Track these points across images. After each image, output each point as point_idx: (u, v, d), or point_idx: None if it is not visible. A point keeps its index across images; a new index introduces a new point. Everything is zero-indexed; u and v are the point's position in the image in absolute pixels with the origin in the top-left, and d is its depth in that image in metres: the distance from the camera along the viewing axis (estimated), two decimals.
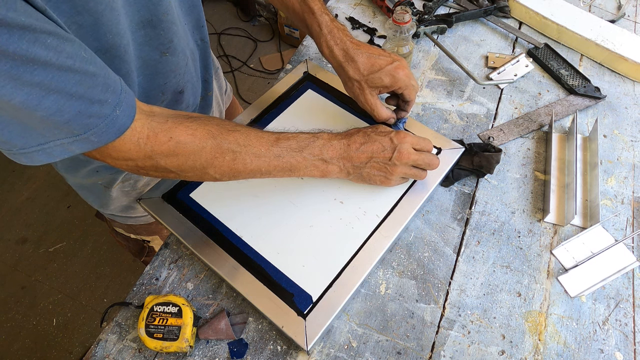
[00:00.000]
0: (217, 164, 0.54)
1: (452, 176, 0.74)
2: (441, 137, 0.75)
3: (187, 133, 0.51)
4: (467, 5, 1.01)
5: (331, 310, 0.58)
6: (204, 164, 0.53)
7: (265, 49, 2.43)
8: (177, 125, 0.51)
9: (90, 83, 0.42)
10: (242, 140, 0.55)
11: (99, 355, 0.59)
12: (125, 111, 0.46)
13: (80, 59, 0.40)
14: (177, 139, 0.51)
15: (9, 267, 1.71)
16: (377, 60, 0.64)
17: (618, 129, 0.83)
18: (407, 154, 0.62)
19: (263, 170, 0.57)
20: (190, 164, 0.53)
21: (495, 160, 0.73)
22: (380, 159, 0.62)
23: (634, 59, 0.88)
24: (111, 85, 0.44)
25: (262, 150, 0.56)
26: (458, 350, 0.60)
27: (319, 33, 0.65)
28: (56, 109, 0.40)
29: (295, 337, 0.56)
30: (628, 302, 0.64)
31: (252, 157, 0.55)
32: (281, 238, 0.64)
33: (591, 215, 0.71)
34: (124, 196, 0.77)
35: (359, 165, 0.62)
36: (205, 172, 0.54)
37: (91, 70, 0.42)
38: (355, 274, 0.61)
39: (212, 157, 0.53)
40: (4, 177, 1.97)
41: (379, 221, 0.65)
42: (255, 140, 0.56)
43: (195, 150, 0.52)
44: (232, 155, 0.54)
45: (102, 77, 0.43)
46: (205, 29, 0.70)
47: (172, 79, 0.64)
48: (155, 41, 0.57)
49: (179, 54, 0.62)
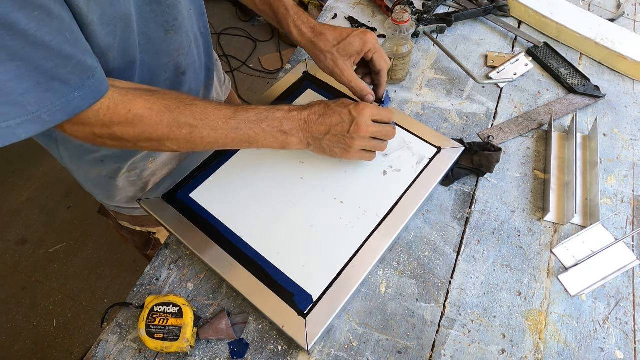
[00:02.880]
0: (174, 136, 0.55)
1: (452, 175, 0.74)
2: (441, 136, 0.74)
3: (145, 106, 0.53)
4: (467, 5, 1.01)
5: (332, 309, 0.58)
6: (161, 137, 0.55)
7: (265, 48, 2.43)
8: (136, 98, 0.52)
9: (60, 62, 0.43)
10: (199, 114, 0.56)
11: (99, 355, 0.59)
12: (85, 96, 0.47)
13: (60, 39, 0.42)
14: (135, 112, 0.52)
15: (9, 268, 1.71)
16: (344, 30, 0.67)
17: (618, 127, 0.83)
18: (365, 127, 0.61)
19: (220, 142, 0.58)
20: (146, 136, 0.54)
21: (495, 160, 0.73)
22: (338, 132, 0.62)
23: (633, 58, 0.88)
24: (82, 70, 0.45)
25: (219, 124, 0.57)
26: (458, 349, 0.60)
27: (285, 15, 0.68)
28: (16, 75, 0.41)
29: (296, 336, 0.56)
30: (628, 300, 0.64)
31: (209, 130, 0.56)
32: (281, 238, 0.64)
33: (591, 214, 0.71)
34: (130, 186, 0.78)
35: (318, 136, 0.62)
36: (162, 143, 0.56)
37: (67, 51, 0.43)
38: (355, 274, 0.61)
39: (168, 131, 0.54)
40: (4, 177, 1.97)
41: (379, 220, 0.65)
42: (213, 113, 0.57)
43: (152, 123, 0.53)
44: (189, 129, 0.55)
45: (76, 60, 0.44)
46: (206, 17, 0.71)
47: (176, 58, 0.65)
48: (161, 18, 0.58)
49: (182, 34, 0.63)
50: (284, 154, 0.72)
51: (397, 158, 0.72)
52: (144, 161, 0.75)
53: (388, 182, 0.69)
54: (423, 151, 0.73)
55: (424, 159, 0.72)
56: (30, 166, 2.00)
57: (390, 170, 0.70)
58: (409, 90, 0.87)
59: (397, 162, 0.71)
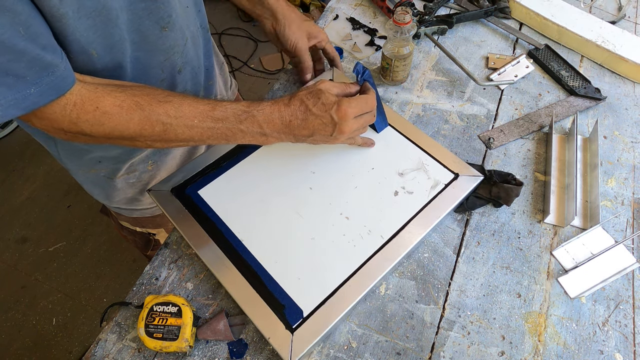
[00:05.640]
0: (147, 134, 0.54)
1: (466, 204, 0.70)
2: (461, 162, 0.71)
3: (114, 104, 0.51)
4: (468, 6, 1.01)
5: (320, 329, 0.56)
6: (132, 135, 0.54)
7: (266, 49, 2.43)
8: (105, 95, 0.51)
9: (13, 57, 0.42)
10: (173, 112, 0.54)
11: (98, 354, 0.59)
12: (43, 92, 0.46)
13: (13, 34, 0.41)
14: (103, 109, 0.51)
15: (9, 267, 1.71)
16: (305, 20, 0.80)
17: (618, 130, 0.83)
18: (348, 130, 0.61)
19: (196, 139, 0.58)
20: (117, 134, 0.53)
21: (514, 194, 0.69)
22: (321, 134, 0.62)
23: (634, 60, 0.88)
24: (40, 66, 0.45)
25: (195, 122, 0.56)
26: (458, 351, 0.60)
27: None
28: None
29: (280, 350, 0.55)
30: (628, 303, 0.64)
31: (184, 128, 0.55)
32: (281, 247, 0.63)
33: (591, 216, 0.71)
34: (129, 188, 0.78)
35: (300, 138, 0.62)
36: (134, 141, 0.55)
37: (20, 47, 0.42)
38: (350, 294, 0.59)
39: (140, 129, 0.53)
40: (4, 176, 1.97)
41: (383, 242, 0.63)
42: (189, 111, 0.55)
43: (121, 122, 0.52)
44: (163, 127, 0.54)
45: (31, 55, 0.44)
46: (203, 14, 0.71)
47: (172, 56, 0.64)
48: (156, 15, 0.57)
49: (177, 31, 0.62)
50: (296, 161, 0.71)
51: (411, 179, 0.69)
52: (144, 163, 0.75)
53: (398, 203, 0.67)
54: (439, 176, 0.69)
55: (439, 184, 0.68)
56: (30, 165, 2.00)
57: (403, 191, 0.68)
58: (410, 91, 0.87)
59: (411, 183, 0.68)
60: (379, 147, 0.73)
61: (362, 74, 0.66)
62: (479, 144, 0.80)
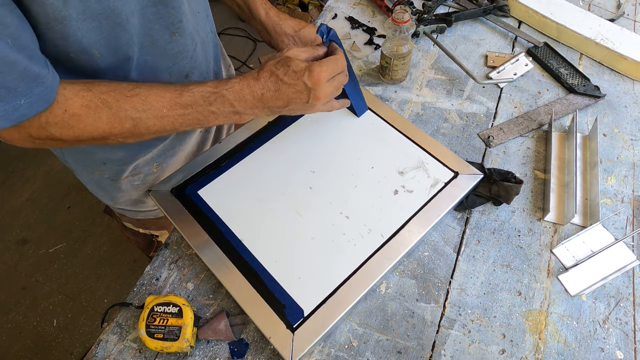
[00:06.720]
0: (117, 132, 0.53)
1: (466, 203, 0.70)
2: (461, 160, 0.71)
3: (81, 105, 0.50)
4: (467, 5, 1.01)
5: (320, 328, 0.56)
6: (103, 134, 0.53)
7: (265, 48, 2.43)
8: (72, 97, 0.50)
9: (5, 70, 0.42)
10: (141, 105, 0.53)
11: (99, 355, 0.59)
12: (33, 103, 0.46)
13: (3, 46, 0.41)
14: (71, 112, 0.49)
15: (9, 268, 1.71)
16: (300, 21, 0.79)
17: (618, 127, 0.83)
18: (323, 95, 0.59)
19: (169, 129, 0.57)
20: (87, 135, 0.52)
21: (514, 192, 0.70)
22: (297, 103, 0.60)
23: (633, 58, 0.88)
24: (30, 77, 0.44)
25: (164, 112, 0.54)
26: (458, 349, 0.60)
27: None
28: None
29: (282, 350, 0.55)
30: (628, 300, 0.64)
31: (154, 120, 0.54)
32: (281, 246, 0.63)
33: (591, 214, 0.71)
34: (134, 190, 0.77)
35: (275, 109, 0.60)
36: (105, 140, 0.54)
37: (11, 58, 0.42)
38: (350, 293, 0.59)
39: (109, 127, 0.52)
40: (4, 177, 1.97)
41: (383, 241, 0.63)
42: (156, 101, 0.54)
43: (90, 122, 0.51)
44: (132, 122, 0.53)
45: (22, 67, 0.43)
46: (211, 19, 0.71)
47: (180, 60, 0.64)
48: (166, 20, 0.57)
49: (186, 36, 0.62)
50: (296, 161, 0.71)
51: (411, 178, 0.69)
52: (148, 165, 0.75)
53: (398, 202, 0.67)
54: (439, 174, 0.69)
55: (439, 182, 0.69)
56: (30, 166, 2.00)
57: (402, 190, 0.68)
58: (409, 90, 0.87)
59: (411, 182, 0.69)
60: (379, 146, 0.73)
61: (327, 34, 0.62)
62: (478, 142, 0.80)
